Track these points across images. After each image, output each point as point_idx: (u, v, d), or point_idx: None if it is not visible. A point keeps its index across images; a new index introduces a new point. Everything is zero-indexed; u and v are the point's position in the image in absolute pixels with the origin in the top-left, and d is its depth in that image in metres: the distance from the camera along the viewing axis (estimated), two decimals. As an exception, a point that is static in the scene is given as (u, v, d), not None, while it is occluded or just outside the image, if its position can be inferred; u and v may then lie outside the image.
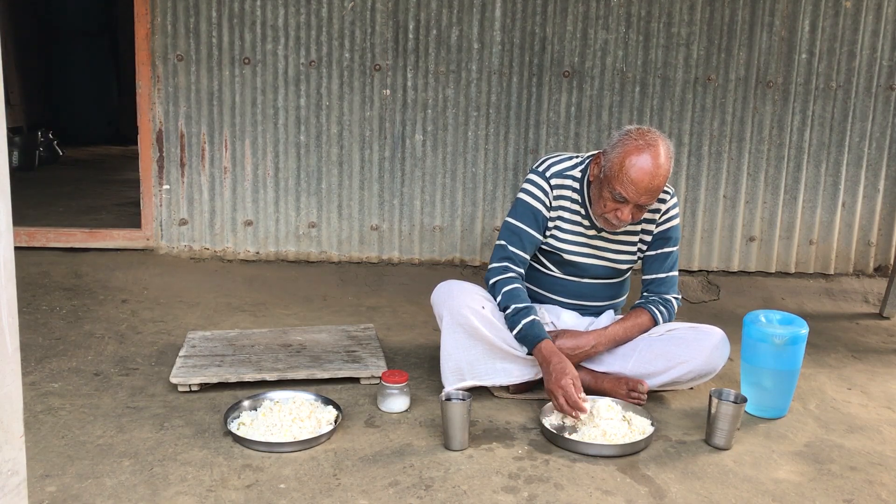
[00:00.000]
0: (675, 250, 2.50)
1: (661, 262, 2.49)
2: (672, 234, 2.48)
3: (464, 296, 2.36)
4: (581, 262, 2.48)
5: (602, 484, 1.95)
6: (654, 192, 2.23)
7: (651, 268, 2.50)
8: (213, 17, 3.51)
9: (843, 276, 3.87)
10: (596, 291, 2.55)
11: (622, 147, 2.24)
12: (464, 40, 3.59)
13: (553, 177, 2.43)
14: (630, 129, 2.28)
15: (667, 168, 2.23)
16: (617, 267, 2.50)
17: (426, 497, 1.86)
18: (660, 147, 2.23)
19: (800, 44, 3.65)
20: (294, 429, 2.10)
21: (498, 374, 2.37)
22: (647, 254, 2.50)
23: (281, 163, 3.65)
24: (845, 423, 2.38)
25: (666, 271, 2.49)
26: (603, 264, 2.49)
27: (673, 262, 2.50)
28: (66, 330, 2.92)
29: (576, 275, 2.51)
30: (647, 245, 2.49)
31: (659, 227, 2.47)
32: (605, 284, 2.55)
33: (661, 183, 2.23)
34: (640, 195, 2.21)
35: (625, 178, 2.21)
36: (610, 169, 2.25)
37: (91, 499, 1.81)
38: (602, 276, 2.52)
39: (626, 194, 2.22)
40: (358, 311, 3.30)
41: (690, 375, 2.38)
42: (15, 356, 1.16)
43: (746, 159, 3.75)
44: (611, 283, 2.55)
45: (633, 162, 2.20)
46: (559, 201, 2.44)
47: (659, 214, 2.46)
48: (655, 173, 2.20)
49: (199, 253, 3.70)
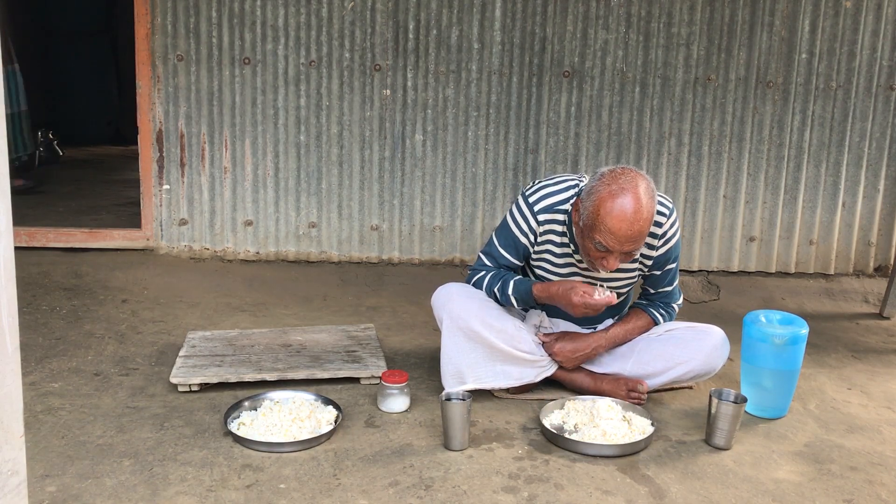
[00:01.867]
0: (675, 266, 2.43)
1: (662, 279, 2.44)
2: (672, 254, 2.37)
3: (463, 299, 2.35)
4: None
5: (602, 484, 1.95)
6: (637, 238, 2.08)
7: (652, 284, 2.46)
8: (213, 17, 3.51)
9: (843, 276, 3.87)
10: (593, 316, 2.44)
11: (596, 194, 2.09)
12: (464, 40, 3.59)
13: (541, 212, 2.31)
14: (604, 172, 2.13)
15: (648, 210, 2.07)
16: (616, 292, 2.39)
17: (426, 497, 1.86)
18: (638, 189, 2.06)
19: (800, 44, 3.65)
20: (294, 429, 2.10)
21: (498, 377, 2.37)
22: (648, 274, 2.43)
23: (281, 163, 3.65)
24: (845, 423, 2.38)
25: (667, 286, 2.46)
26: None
27: (674, 276, 2.45)
28: (66, 330, 2.92)
29: None
30: (647, 268, 2.40)
31: (659, 250, 2.34)
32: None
33: (644, 228, 2.07)
34: (622, 244, 2.07)
35: (603, 227, 2.06)
36: (588, 217, 2.11)
37: (91, 499, 1.81)
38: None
39: (607, 244, 2.08)
40: (358, 311, 3.30)
41: (690, 375, 2.38)
42: (15, 356, 1.16)
43: (746, 159, 3.74)
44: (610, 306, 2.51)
45: (609, 210, 2.04)
46: (547, 236, 2.35)
47: (657, 239, 2.32)
48: (635, 219, 2.05)
49: (199, 253, 3.70)
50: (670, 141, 3.71)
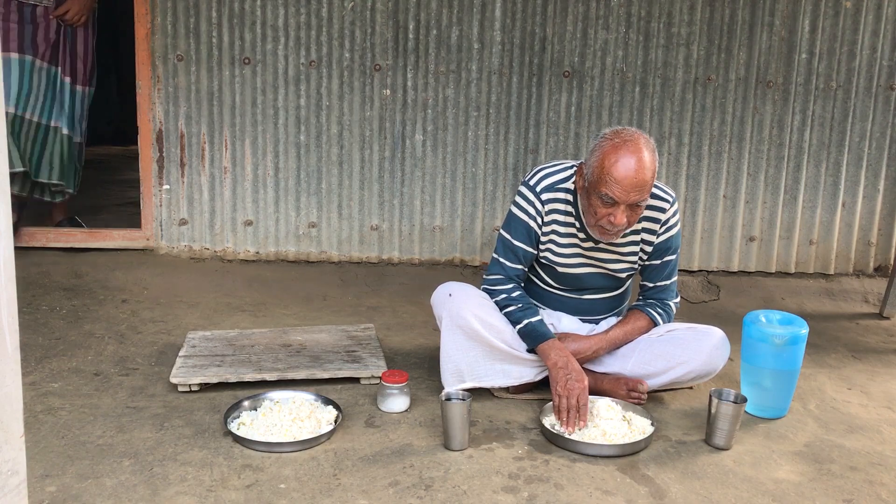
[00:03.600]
0: (675, 258, 2.46)
1: (661, 270, 2.46)
2: (673, 244, 2.43)
3: (463, 298, 2.35)
4: (579, 274, 2.45)
5: (602, 484, 1.95)
6: (642, 187, 2.14)
7: (651, 276, 2.48)
8: (213, 17, 3.51)
9: (843, 276, 3.87)
10: (597, 306, 2.53)
11: (600, 150, 2.18)
12: (464, 40, 3.59)
13: (544, 191, 2.36)
14: (605, 132, 2.22)
15: (651, 161, 2.15)
16: (617, 276, 2.46)
17: (426, 497, 1.86)
18: (639, 141, 2.16)
19: (800, 44, 3.65)
20: (294, 429, 2.10)
21: (497, 376, 2.37)
22: (647, 263, 2.46)
23: (281, 163, 3.65)
24: (845, 423, 2.38)
25: (666, 279, 2.47)
26: (602, 274, 2.46)
27: (672, 269, 2.47)
28: (66, 330, 2.92)
29: (576, 288, 2.49)
30: (648, 255, 2.44)
31: (660, 237, 2.40)
32: (605, 298, 2.52)
33: (648, 177, 2.14)
34: (628, 193, 2.13)
35: (608, 178, 2.13)
36: (592, 173, 2.18)
37: (91, 499, 1.81)
38: (602, 288, 2.50)
39: (613, 195, 2.14)
40: (358, 311, 3.30)
41: (690, 376, 2.38)
42: (15, 356, 1.16)
43: (746, 159, 3.75)
44: (611, 295, 2.53)
45: (614, 160, 2.13)
46: (552, 216, 2.38)
47: (660, 225, 2.38)
48: (639, 167, 2.12)
49: (199, 253, 3.70)
50: (670, 141, 3.71)
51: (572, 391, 2.18)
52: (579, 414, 2.17)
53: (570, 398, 2.17)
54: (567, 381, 2.20)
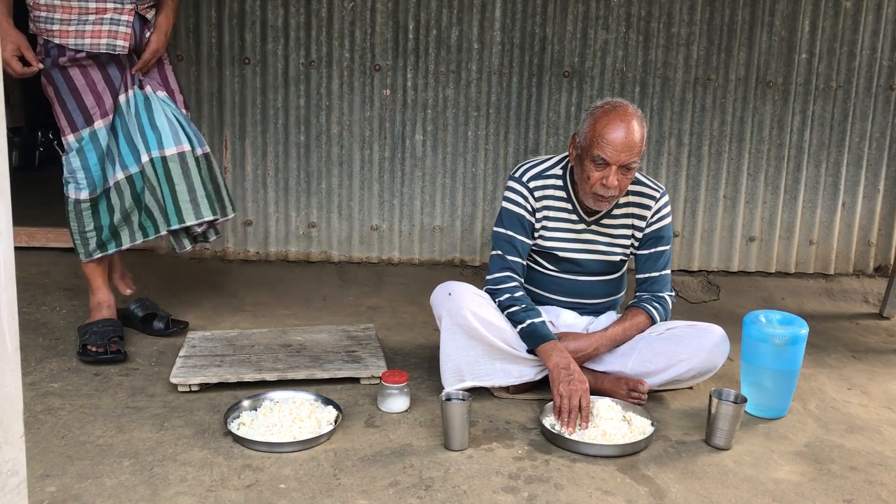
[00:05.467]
0: (667, 249, 2.53)
1: (655, 261, 2.52)
2: (664, 234, 2.51)
3: (463, 297, 2.36)
4: (575, 258, 2.51)
5: (602, 484, 1.95)
6: (633, 148, 2.26)
7: (644, 267, 2.54)
8: (213, 18, 3.51)
9: (843, 276, 3.87)
10: (593, 288, 2.56)
11: (591, 117, 2.32)
12: (464, 40, 3.59)
13: (531, 179, 2.47)
14: (596, 103, 2.36)
15: (639, 125, 2.28)
16: (610, 259, 2.52)
17: (426, 497, 1.86)
18: (628, 108, 2.29)
19: (800, 44, 3.65)
20: (294, 429, 2.10)
21: (497, 375, 2.37)
22: (639, 253, 2.54)
23: (281, 163, 3.65)
24: (845, 423, 2.38)
25: (659, 270, 2.53)
26: (596, 258, 2.51)
27: (666, 261, 2.53)
28: (66, 330, 2.92)
29: (572, 271, 2.53)
30: (639, 242, 2.52)
31: (650, 226, 2.50)
32: (601, 281, 2.56)
33: (637, 139, 2.27)
34: (619, 153, 2.25)
35: (601, 140, 2.26)
36: (585, 138, 2.31)
37: (91, 499, 1.81)
38: (598, 272, 2.54)
39: (605, 155, 2.25)
40: (358, 311, 3.30)
41: (691, 374, 2.39)
42: (15, 356, 1.16)
43: (746, 159, 3.74)
44: (607, 279, 2.57)
45: (605, 123, 2.26)
46: (543, 201, 2.47)
47: (650, 212, 2.49)
48: (629, 129, 2.25)
49: (199, 253, 3.70)
50: (670, 141, 3.71)
51: (574, 392, 2.18)
52: (581, 415, 2.18)
53: (572, 399, 2.18)
54: (569, 381, 2.21)
